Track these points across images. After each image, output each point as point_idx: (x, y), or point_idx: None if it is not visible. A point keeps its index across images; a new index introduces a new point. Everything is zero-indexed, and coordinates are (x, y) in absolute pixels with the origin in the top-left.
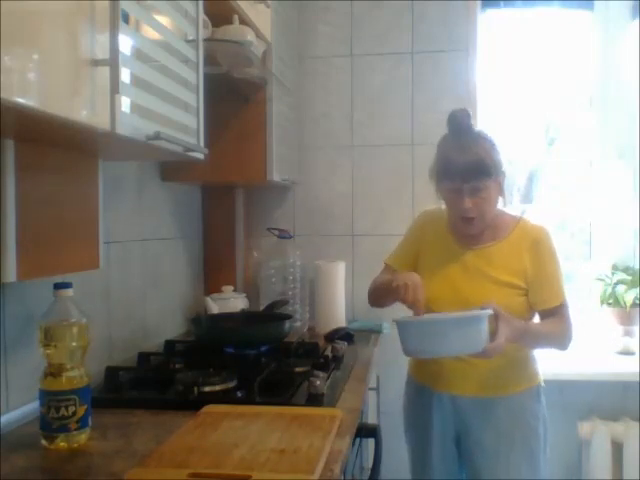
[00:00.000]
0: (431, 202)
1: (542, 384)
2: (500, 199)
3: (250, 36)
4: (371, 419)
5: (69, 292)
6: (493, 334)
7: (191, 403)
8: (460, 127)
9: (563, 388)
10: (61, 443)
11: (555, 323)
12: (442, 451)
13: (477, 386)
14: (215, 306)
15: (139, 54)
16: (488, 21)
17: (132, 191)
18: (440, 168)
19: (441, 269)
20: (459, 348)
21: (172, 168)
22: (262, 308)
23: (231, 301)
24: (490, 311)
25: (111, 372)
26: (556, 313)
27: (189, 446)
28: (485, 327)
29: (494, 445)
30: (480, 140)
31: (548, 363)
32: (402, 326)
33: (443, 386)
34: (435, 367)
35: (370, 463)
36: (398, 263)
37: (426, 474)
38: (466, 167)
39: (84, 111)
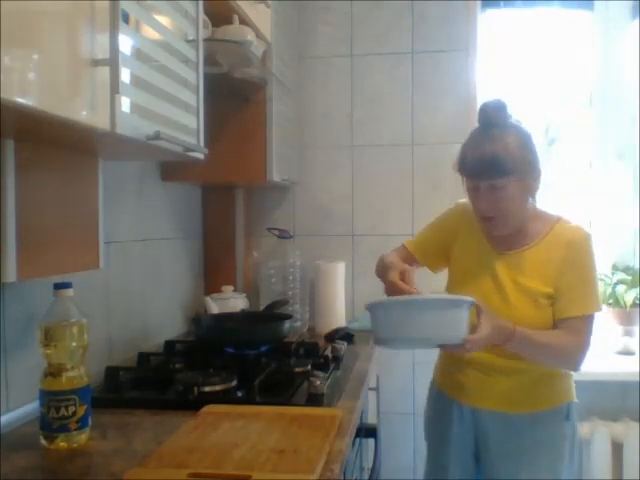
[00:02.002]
0: (430, 202)
1: (575, 401)
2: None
3: (250, 36)
4: (371, 419)
5: (69, 292)
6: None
7: (191, 403)
8: (489, 121)
9: None
10: (61, 443)
11: (563, 336)
12: (460, 463)
13: (500, 400)
14: (215, 306)
15: (139, 54)
16: (488, 21)
17: (132, 191)
18: (458, 163)
19: (471, 274)
20: (434, 334)
21: (172, 168)
22: (262, 308)
23: (231, 301)
24: (472, 299)
25: (111, 372)
26: (572, 326)
27: (189, 446)
28: (465, 316)
29: (514, 463)
30: (506, 135)
31: None
32: (373, 309)
33: (465, 397)
34: (459, 377)
35: (370, 463)
36: (417, 249)
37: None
38: (481, 163)
39: (84, 111)
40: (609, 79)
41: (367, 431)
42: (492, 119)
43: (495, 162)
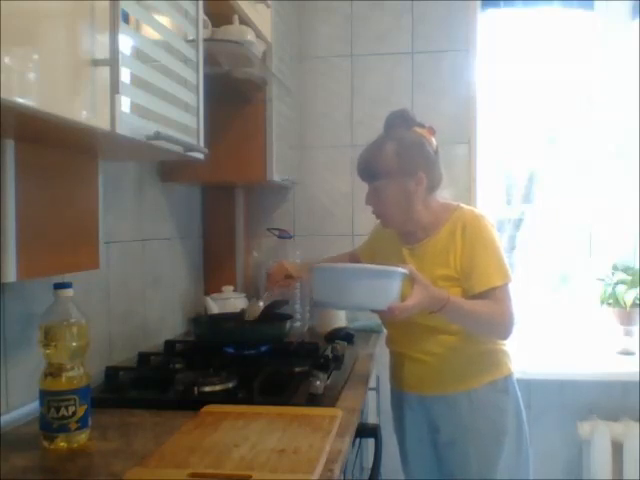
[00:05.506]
0: None
1: (512, 375)
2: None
3: (250, 36)
4: (371, 419)
5: (69, 292)
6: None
7: (191, 403)
8: (385, 129)
9: (563, 388)
10: (61, 443)
11: (487, 304)
12: (419, 451)
13: (434, 383)
14: (215, 306)
15: (139, 54)
16: (488, 21)
17: (132, 191)
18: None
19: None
20: (364, 300)
21: (172, 168)
22: (262, 308)
23: (231, 301)
24: (405, 270)
25: (111, 372)
26: (488, 297)
27: (189, 446)
28: (396, 285)
29: (463, 443)
30: (387, 142)
31: (548, 362)
32: (316, 272)
33: (407, 386)
34: (396, 368)
35: (370, 463)
36: (360, 251)
37: (407, 474)
38: (359, 168)
39: (84, 111)
40: (609, 79)
41: (367, 431)
42: (386, 127)
43: (368, 167)
